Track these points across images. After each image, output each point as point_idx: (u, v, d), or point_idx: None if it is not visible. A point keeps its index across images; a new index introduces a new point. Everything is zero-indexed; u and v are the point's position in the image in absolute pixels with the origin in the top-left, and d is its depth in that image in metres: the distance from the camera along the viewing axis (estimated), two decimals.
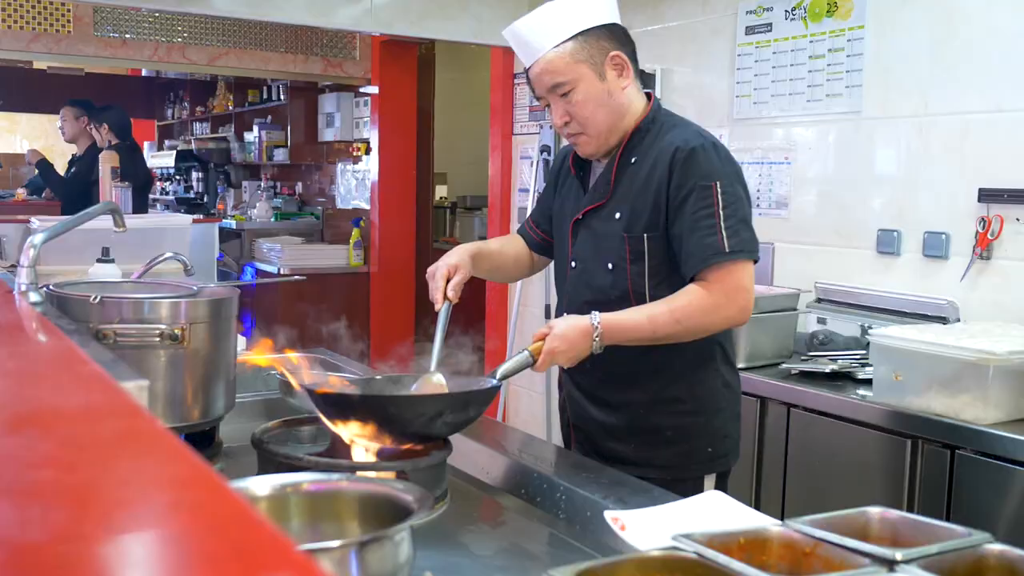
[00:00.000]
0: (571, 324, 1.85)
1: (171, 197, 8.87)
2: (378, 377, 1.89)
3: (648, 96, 2.05)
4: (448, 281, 1.95)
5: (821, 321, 3.21)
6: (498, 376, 1.78)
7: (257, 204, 7.39)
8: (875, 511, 1.25)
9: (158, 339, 1.69)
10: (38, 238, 1.63)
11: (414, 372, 1.86)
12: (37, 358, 0.95)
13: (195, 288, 1.86)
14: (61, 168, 6.44)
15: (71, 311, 1.65)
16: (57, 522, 0.48)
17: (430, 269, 2.00)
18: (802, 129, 3.50)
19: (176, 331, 1.71)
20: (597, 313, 1.86)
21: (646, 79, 4.06)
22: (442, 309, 1.92)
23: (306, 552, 0.44)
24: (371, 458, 1.61)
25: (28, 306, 1.43)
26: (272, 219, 7.26)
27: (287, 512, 1.12)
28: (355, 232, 6.54)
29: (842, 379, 2.77)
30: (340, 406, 1.65)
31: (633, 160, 1.97)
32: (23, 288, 1.54)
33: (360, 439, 1.62)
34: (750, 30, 3.68)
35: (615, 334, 1.86)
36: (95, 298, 1.63)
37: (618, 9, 2.01)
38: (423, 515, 1.03)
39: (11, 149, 10.79)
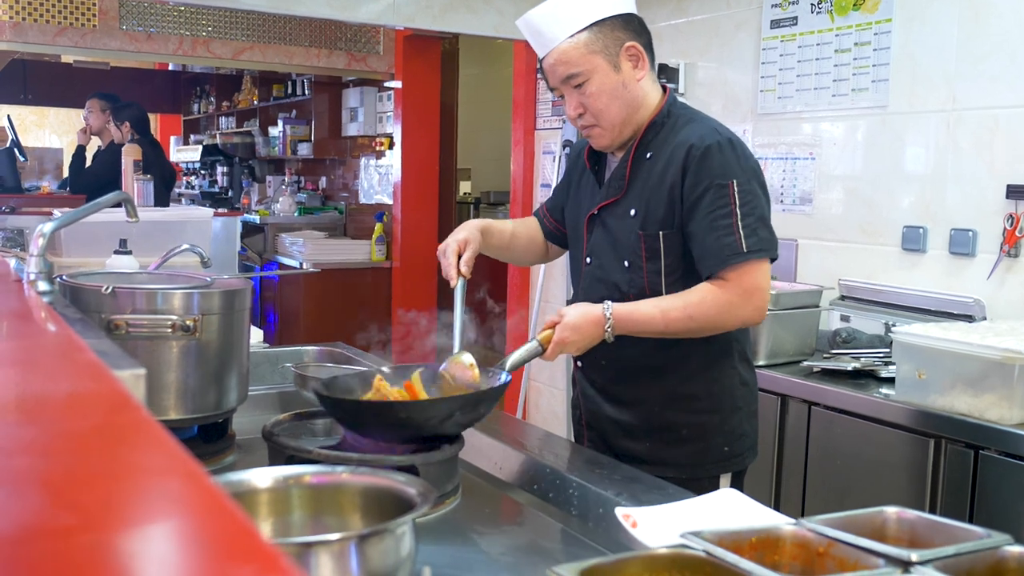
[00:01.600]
0: (582, 313, 1.83)
1: (196, 191, 8.92)
2: (401, 366, 1.87)
3: (663, 88, 2.01)
4: (460, 257, 1.93)
5: (845, 319, 3.17)
6: (507, 367, 1.76)
7: (281, 199, 7.41)
8: (892, 511, 1.22)
9: (170, 330, 1.68)
10: (47, 227, 1.63)
11: (438, 361, 1.84)
12: (34, 346, 0.94)
13: (208, 279, 1.85)
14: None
15: (83, 301, 1.65)
16: (22, 509, 0.46)
17: (440, 247, 1.98)
18: (827, 124, 3.45)
19: (188, 322, 1.70)
20: (610, 303, 1.84)
21: (670, 73, 4.03)
22: (458, 286, 1.90)
23: (276, 546, 0.42)
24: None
25: (36, 295, 1.42)
26: (295, 214, 7.28)
27: (289, 504, 1.10)
28: (378, 227, 6.54)
29: (865, 377, 2.73)
30: (351, 411, 1.63)
31: (648, 155, 1.94)
32: (32, 277, 1.54)
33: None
34: (775, 24, 3.63)
35: (627, 325, 1.84)
36: (107, 288, 1.62)
37: None
38: (425, 508, 1.01)
39: (40, 143, 10.89)
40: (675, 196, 1.88)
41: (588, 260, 2.04)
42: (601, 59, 1.88)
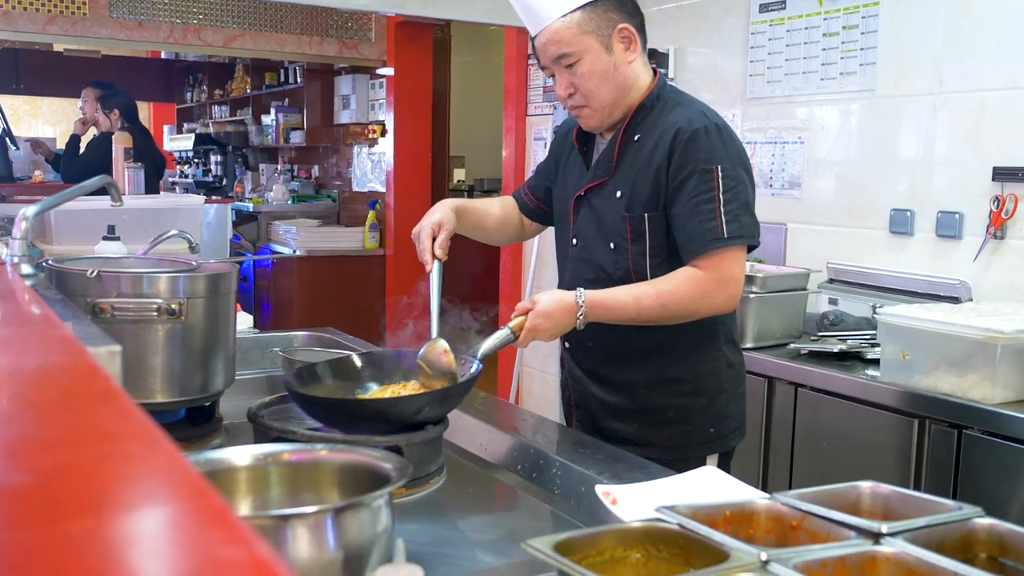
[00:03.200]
0: (555, 300, 1.83)
1: (190, 180, 8.92)
2: (380, 350, 1.89)
3: (654, 71, 2.02)
4: (434, 240, 1.93)
5: (832, 302, 3.18)
6: (479, 356, 1.75)
7: (274, 187, 7.41)
8: (866, 485, 1.24)
9: (156, 314, 1.69)
10: (30, 210, 1.64)
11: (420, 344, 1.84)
12: (10, 323, 0.95)
13: (194, 263, 1.86)
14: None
15: (69, 286, 1.66)
16: None
17: (414, 231, 1.96)
18: (816, 108, 3.46)
19: (174, 306, 1.70)
20: (583, 290, 1.84)
21: (660, 58, 4.03)
22: (433, 269, 1.90)
23: (227, 504, 0.43)
24: None
25: (18, 278, 1.43)
26: (289, 202, 7.28)
27: (267, 481, 1.12)
28: (371, 215, 6.55)
29: (851, 359, 2.75)
30: (323, 408, 1.64)
31: (636, 138, 1.94)
32: (15, 260, 1.55)
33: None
34: (764, 8, 3.64)
35: (599, 312, 1.84)
36: (92, 272, 1.63)
37: None
38: (401, 483, 1.03)
39: (33, 133, 10.85)
40: (661, 178, 1.88)
41: (574, 241, 2.05)
42: (593, 40, 1.88)
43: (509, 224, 2.26)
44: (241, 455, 1.12)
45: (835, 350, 2.76)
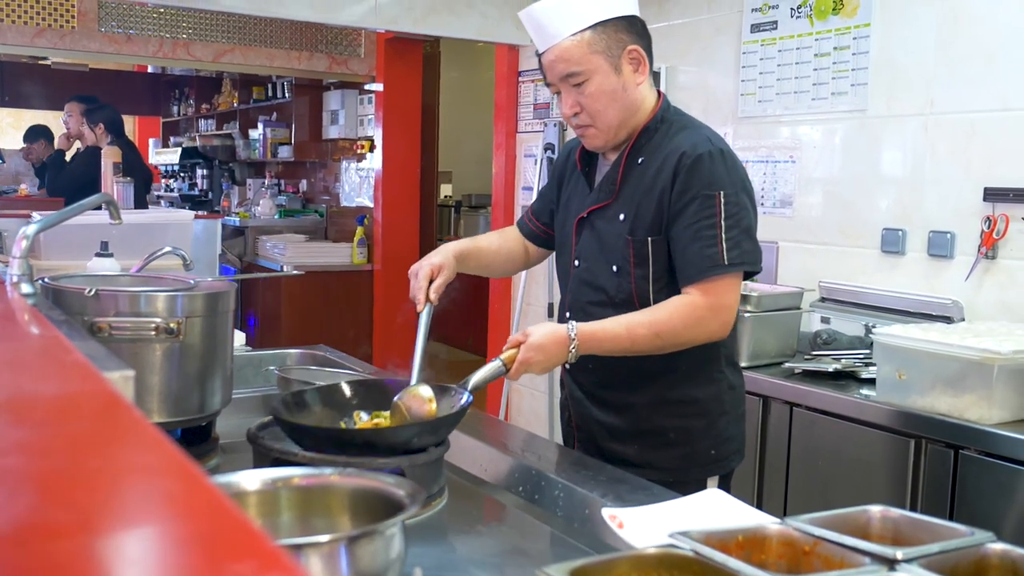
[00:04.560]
0: (547, 333, 1.80)
1: (176, 194, 8.88)
2: (370, 379, 1.87)
3: (658, 93, 2.01)
4: (431, 282, 1.91)
5: (825, 320, 3.19)
6: (470, 387, 1.72)
7: (261, 201, 7.38)
8: (876, 509, 1.23)
9: (153, 333, 1.68)
10: (30, 229, 1.62)
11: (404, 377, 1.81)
12: (21, 347, 0.93)
13: (192, 282, 1.84)
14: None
15: (66, 304, 1.64)
16: (16, 508, 0.46)
17: (412, 268, 1.94)
18: (807, 128, 3.47)
19: (172, 325, 1.69)
20: (575, 323, 1.82)
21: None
22: (424, 312, 1.87)
23: (275, 542, 0.42)
24: None
25: (19, 297, 1.41)
26: (276, 216, 7.25)
27: (278, 506, 1.10)
28: (359, 230, 6.53)
29: (845, 378, 2.75)
30: (311, 437, 1.61)
31: (640, 160, 1.93)
32: (15, 279, 1.53)
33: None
34: (755, 28, 3.66)
35: (592, 345, 1.82)
36: (90, 291, 1.61)
37: (637, 1, 1.96)
38: (414, 510, 1.01)
39: (16, 145, 10.78)
40: (664, 202, 1.87)
41: (576, 263, 2.04)
42: (603, 60, 1.87)
43: (513, 259, 2.24)
44: (251, 479, 1.10)
45: (830, 369, 2.77)
